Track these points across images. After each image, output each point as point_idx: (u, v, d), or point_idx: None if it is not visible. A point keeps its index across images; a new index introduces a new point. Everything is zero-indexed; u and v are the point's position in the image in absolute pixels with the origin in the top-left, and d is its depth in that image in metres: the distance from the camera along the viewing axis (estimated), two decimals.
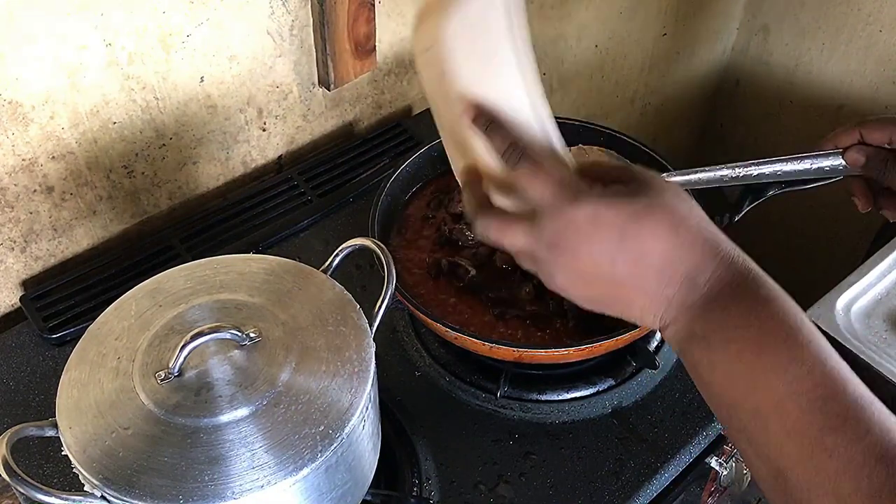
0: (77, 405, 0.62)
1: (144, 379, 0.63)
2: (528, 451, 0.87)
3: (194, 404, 0.61)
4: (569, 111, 1.68)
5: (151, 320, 0.67)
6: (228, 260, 0.73)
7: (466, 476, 0.85)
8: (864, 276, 1.38)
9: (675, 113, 2.03)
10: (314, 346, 0.66)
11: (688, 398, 0.92)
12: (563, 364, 0.92)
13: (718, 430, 0.91)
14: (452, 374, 0.93)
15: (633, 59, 1.75)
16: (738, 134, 2.11)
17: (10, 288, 1.01)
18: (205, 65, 1.02)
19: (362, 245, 0.74)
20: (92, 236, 1.05)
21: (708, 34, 1.90)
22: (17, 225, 0.97)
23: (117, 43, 0.92)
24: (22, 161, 0.93)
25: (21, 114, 0.89)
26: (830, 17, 1.78)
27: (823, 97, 1.88)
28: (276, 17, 1.05)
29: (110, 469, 0.58)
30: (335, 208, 1.13)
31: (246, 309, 0.68)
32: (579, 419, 0.90)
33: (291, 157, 1.21)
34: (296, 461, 0.59)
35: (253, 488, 0.58)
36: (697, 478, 0.94)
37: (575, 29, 1.54)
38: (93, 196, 1.01)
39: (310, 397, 0.62)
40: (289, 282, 0.71)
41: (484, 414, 0.90)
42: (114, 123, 0.98)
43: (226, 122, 1.09)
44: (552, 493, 0.83)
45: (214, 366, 0.63)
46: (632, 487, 0.84)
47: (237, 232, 1.09)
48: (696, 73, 1.98)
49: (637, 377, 0.93)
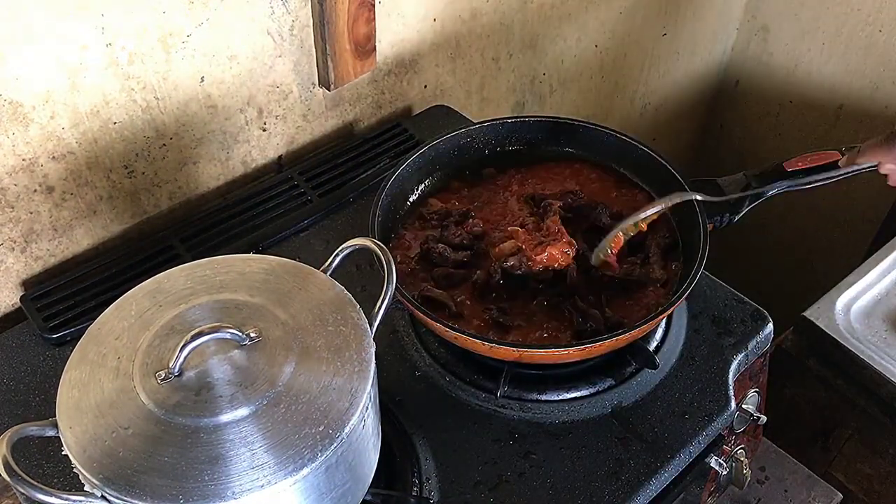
0: (77, 405, 0.62)
1: (144, 379, 0.63)
2: (528, 451, 0.87)
3: (194, 404, 0.61)
4: (569, 111, 1.68)
5: (151, 320, 0.67)
6: (228, 260, 0.73)
7: (466, 476, 0.85)
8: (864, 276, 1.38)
9: (675, 113, 2.03)
10: (314, 346, 0.66)
11: (688, 398, 0.92)
12: (563, 364, 0.92)
13: (718, 429, 0.92)
14: (452, 374, 0.93)
15: (633, 59, 1.75)
16: (738, 134, 2.11)
17: (10, 288, 1.01)
18: (205, 65, 1.02)
19: (362, 245, 0.74)
20: (92, 236, 1.05)
21: (708, 34, 1.90)
22: (17, 225, 0.97)
23: (117, 43, 0.92)
24: (22, 161, 0.93)
25: (21, 114, 0.90)
26: (830, 17, 1.78)
27: (823, 97, 1.89)
28: (276, 17, 1.05)
29: (110, 469, 0.58)
30: (335, 208, 1.13)
31: (246, 309, 0.68)
32: (579, 419, 0.90)
33: (291, 157, 1.21)
34: (296, 461, 0.59)
35: (253, 488, 0.58)
36: (697, 478, 0.94)
37: (575, 29, 1.54)
38: (93, 196, 1.01)
39: (310, 397, 0.63)
40: (289, 282, 0.71)
41: (484, 414, 0.90)
42: (114, 123, 0.98)
43: (226, 122, 1.09)
44: (552, 492, 0.83)
45: (214, 366, 0.63)
46: (632, 487, 0.84)
47: (237, 232, 1.09)
48: (696, 73, 1.98)
49: (637, 377, 0.93)
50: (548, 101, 1.62)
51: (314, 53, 1.12)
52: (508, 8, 1.37)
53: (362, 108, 1.26)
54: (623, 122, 1.87)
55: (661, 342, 0.97)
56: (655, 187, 1.03)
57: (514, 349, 0.83)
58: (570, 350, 0.84)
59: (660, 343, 0.97)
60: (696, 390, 0.93)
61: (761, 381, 1.05)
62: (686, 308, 1.00)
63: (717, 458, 0.94)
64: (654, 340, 0.96)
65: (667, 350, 0.96)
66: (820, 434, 1.38)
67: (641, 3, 1.65)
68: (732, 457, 1.02)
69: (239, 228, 1.09)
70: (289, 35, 1.08)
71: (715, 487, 1.03)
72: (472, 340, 0.84)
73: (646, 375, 0.93)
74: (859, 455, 1.34)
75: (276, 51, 1.08)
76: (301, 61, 1.12)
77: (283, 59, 1.10)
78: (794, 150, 1.00)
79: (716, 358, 0.96)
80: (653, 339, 0.96)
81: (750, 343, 0.98)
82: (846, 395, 1.30)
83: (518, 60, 1.47)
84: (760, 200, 0.98)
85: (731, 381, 0.94)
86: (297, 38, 1.09)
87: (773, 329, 1.00)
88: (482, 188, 1.07)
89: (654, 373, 0.93)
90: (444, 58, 1.33)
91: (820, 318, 1.33)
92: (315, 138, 1.23)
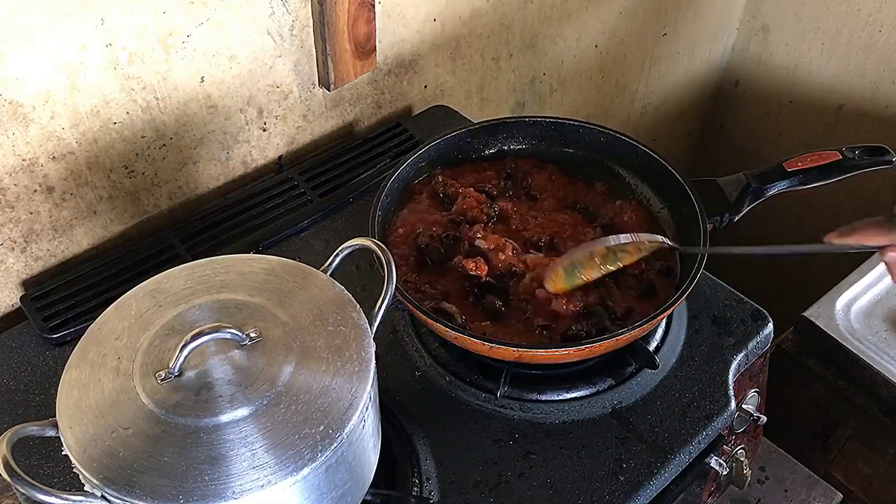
0: (77, 405, 0.62)
1: (145, 379, 0.63)
2: (528, 451, 0.87)
3: (194, 404, 0.61)
4: (569, 111, 1.68)
5: (152, 320, 0.67)
6: (228, 260, 0.73)
7: (466, 476, 0.85)
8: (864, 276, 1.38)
9: (675, 113, 2.03)
10: (314, 346, 0.66)
11: (688, 398, 0.92)
12: (563, 364, 0.92)
13: (718, 429, 0.92)
14: (452, 374, 0.93)
15: (633, 59, 1.75)
16: (738, 134, 2.11)
17: (10, 288, 1.01)
18: (205, 65, 1.02)
19: (362, 245, 0.74)
20: (92, 236, 1.05)
21: (708, 34, 1.90)
22: (17, 225, 0.97)
23: (117, 43, 0.92)
24: (22, 161, 0.93)
25: (21, 114, 0.90)
26: (830, 17, 1.78)
27: (823, 97, 1.89)
28: (276, 17, 1.05)
29: (110, 469, 0.58)
30: (335, 208, 1.13)
31: (246, 309, 0.68)
32: (579, 419, 0.90)
33: (291, 157, 1.21)
34: (296, 461, 0.59)
35: (253, 488, 0.58)
36: (697, 478, 0.94)
37: (575, 29, 1.54)
38: (93, 196, 1.01)
39: (310, 397, 0.63)
40: (289, 282, 0.71)
41: (484, 414, 0.90)
42: (114, 123, 0.98)
43: (226, 122, 1.09)
44: (552, 492, 0.83)
45: (214, 366, 0.63)
46: (632, 487, 0.84)
47: (237, 232, 1.09)
48: (696, 73, 1.98)
49: (637, 377, 0.93)
50: (548, 101, 1.62)
51: (314, 53, 1.12)
52: (508, 8, 1.37)
53: (362, 108, 1.26)
54: (623, 122, 1.87)
55: (661, 342, 0.97)
56: (655, 188, 1.03)
57: (514, 349, 0.83)
58: (570, 350, 0.84)
59: (660, 343, 0.96)
60: (695, 390, 0.93)
61: (761, 381, 1.06)
62: (686, 308, 1.00)
63: (717, 458, 0.94)
64: (654, 340, 0.96)
65: (667, 350, 0.96)
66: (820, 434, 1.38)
67: (641, 3, 1.65)
68: (732, 457, 1.02)
69: (239, 228, 1.09)
70: (289, 35, 1.08)
71: (715, 487, 1.03)
72: (472, 340, 0.84)
73: (646, 375, 0.93)
74: (859, 455, 1.34)
75: (276, 51, 1.08)
76: (301, 61, 1.12)
77: (283, 59, 1.10)
78: (794, 150, 1.00)
79: (716, 358, 0.96)
80: (653, 339, 0.96)
81: (750, 343, 0.98)
82: (846, 394, 1.30)
83: (518, 60, 1.47)
84: (760, 200, 0.98)
85: (731, 381, 0.94)
86: (297, 38, 1.09)
87: (773, 329, 1.00)
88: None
89: (654, 373, 0.93)
90: (444, 58, 1.33)
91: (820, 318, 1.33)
92: (315, 138, 1.23)
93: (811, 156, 0.97)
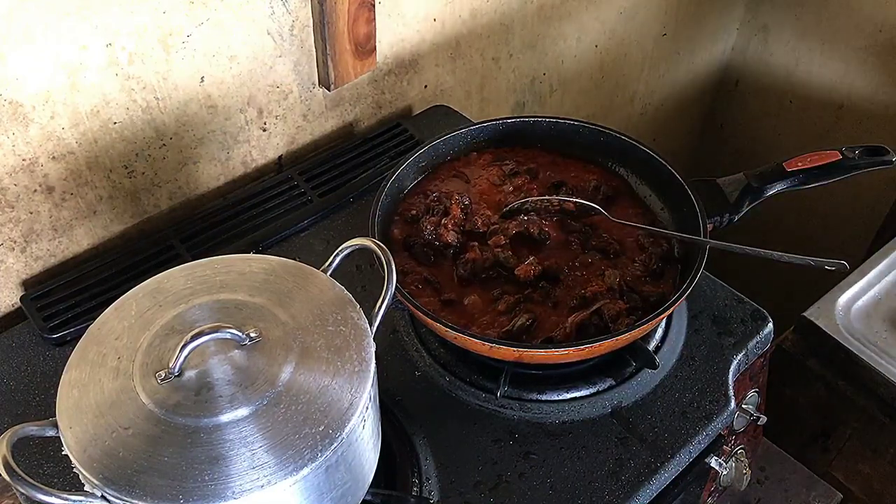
0: (77, 405, 0.62)
1: (145, 379, 0.63)
2: (528, 451, 0.87)
3: (194, 404, 0.61)
4: (569, 111, 1.68)
5: (152, 320, 0.67)
6: (228, 260, 0.73)
7: (466, 476, 0.85)
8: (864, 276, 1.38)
9: (675, 113, 2.03)
10: (314, 346, 0.66)
11: (688, 398, 0.92)
12: (563, 364, 0.92)
13: (718, 429, 0.92)
14: (452, 374, 0.93)
15: (633, 59, 1.75)
16: (738, 134, 2.11)
17: (10, 288, 1.01)
18: (205, 65, 1.02)
19: (362, 245, 0.74)
20: (92, 236, 1.05)
21: (708, 34, 1.90)
22: (17, 225, 0.97)
23: (117, 43, 0.92)
24: (22, 161, 0.93)
25: (21, 114, 0.90)
26: (830, 17, 1.78)
27: (823, 97, 1.89)
28: (276, 17, 1.05)
29: (110, 469, 0.58)
30: (335, 208, 1.13)
31: (246, 309, 0.68)
32: (579, 419, 0.90)
33: (291, 157, 1.21)
34: (296, 461, 0.59)
35: (253, 488, 0.58)
36: (697, 478, 0.94)
37: (575, 29, 1.55)
38: (93, 196, 1.01)
39: (310, 397, 0.63)
40: (289, 282, 0.71)
41: (484, 414, 0.90)
42: (114, 123, 0.98)
43: (226, 122, 1.09)
44: (552, 493, 0.83)
45: (214, 366, 0.63)
46: (632, 487, 0.84)
47: (237, 232, 1.09)
48: (696, 73, 1.98)
49: (637, 377, 0.93)
50: (548, 101, 1.62)
51: (314, 53, 1.12)
52: (508, 8, 1.37)
53: (362, 108, 1.26)
54: (623, 122, 1.87)
55: (661, 342, 0.97)
56: (655, 187, 1.03)
57: (514, 349, 0.83)
58: (570, 350, 0.84)
59: (660, 343, 0.97)
60: (695, 390, 0.93)
61: (761, 381, 1.06)
62: (686, 308, 1.01)
63: (717, 458, 0.94)
64: (653, 340, 0.96)
65: (667, 350, 0.96)
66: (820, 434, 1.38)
67: (641, 3, 1.65)
68: (732, 457, 1.02)
69: (239, 228, 1.09)
70: (289, 35, 1.08)
71: (715, 487, 1.04)
72: (472, 340, 0.84)
73: (646, 375, 0.93)
74: (859, 455, 1.34)
75: (276, 51, 1.08)
76: (301, 61, 1.12)
77: (283, 59, 1.10)
78: (794, 150, 1.00)
79: (716, 358, 0.96)
80: (653, 339, 0.96)
81: (750, 343, 0.98)
82: (846, 395, 1.30)
83: (518, 60, 1.48)
84: (760, 200, 0.98)
85: (731, 381, 0.94)
86: (297, 38, 1.09)
87: (773, 329, 1.01)
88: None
89: (653, 373, 0.93)
90: (444, 58, 1.33)
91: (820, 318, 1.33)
92: (315, 138, 1.23)
93: (811, 156, 0.97)
